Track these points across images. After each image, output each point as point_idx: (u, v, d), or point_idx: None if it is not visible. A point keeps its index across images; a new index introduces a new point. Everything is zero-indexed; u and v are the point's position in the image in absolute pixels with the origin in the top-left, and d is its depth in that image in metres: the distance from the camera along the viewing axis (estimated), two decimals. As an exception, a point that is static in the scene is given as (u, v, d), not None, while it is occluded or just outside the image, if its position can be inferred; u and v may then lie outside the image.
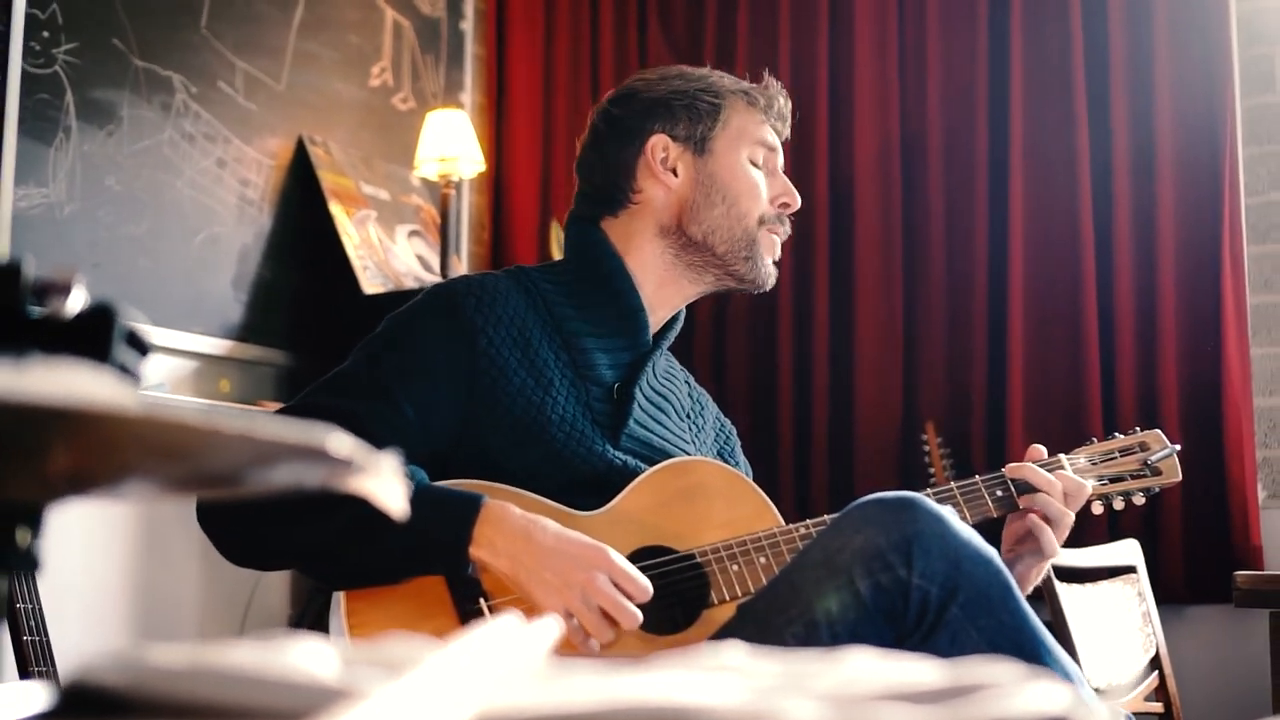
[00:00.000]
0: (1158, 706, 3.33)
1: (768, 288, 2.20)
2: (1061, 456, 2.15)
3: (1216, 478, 3.72)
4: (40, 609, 2.62)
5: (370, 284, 3.63)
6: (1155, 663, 3.34)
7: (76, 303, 0.88)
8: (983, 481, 2.07)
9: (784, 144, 2.26)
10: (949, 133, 4.17)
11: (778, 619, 1.77)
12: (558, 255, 3.97)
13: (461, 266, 3.97)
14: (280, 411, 2.00)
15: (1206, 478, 3.73)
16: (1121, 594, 3.25)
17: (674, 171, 2.17)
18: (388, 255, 3.75)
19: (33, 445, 0.72)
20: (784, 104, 2.25)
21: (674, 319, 2.24)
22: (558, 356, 2.07)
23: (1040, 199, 4.02)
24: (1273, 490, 3.79)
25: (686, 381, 2.33)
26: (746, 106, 2.21)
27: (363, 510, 1.85)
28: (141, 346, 0.89)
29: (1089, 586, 3.16)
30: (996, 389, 4.01)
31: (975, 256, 4.08)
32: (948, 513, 1.78)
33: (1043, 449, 2.14)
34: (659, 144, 2.17)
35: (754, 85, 2.24)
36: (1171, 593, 3.61)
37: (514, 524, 1.87)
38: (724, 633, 1.86)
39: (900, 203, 4.19)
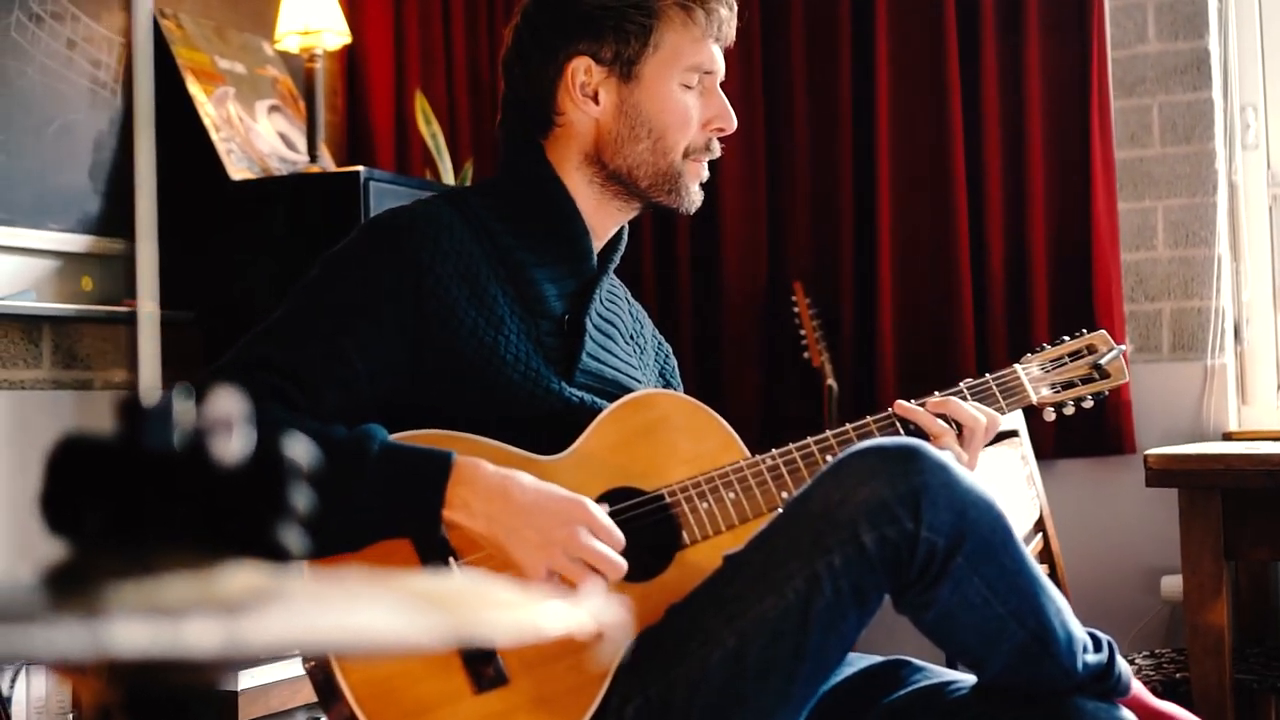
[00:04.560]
0: (1044, 568, 3.41)
1: (692, 211, 2.11)
2: (1016, 367, 2.13)
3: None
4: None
5: (236, 168, 3.45)
6: (1039, 524, 3.42)
7: (239, 445, 0.78)
8: (874, 422, 2.02)
9: (725, 51, 2.11)
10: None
11: (777, 573, 1.74)
12: (423, 126, 3.83)
13: (325, 148, 3.80)
14: (216, 368, 1.88)
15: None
16: (1006, 458, 3.30)
17: (595, 98, 2.03)
18: (250, 135, 3.56)
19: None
20: (727, 14, 2.07)
21: (617, 240, 2.15)
22: (504, 291, 1.97)
23: (905, 56, 3.99)
24: (1140, 344, 3.87)
25: (627, 299, 2.26)
26: (683, 21, 2.02)
27: (328, 479, 1.77)
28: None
29: (977, 454, 3.20)
30: (864, 246, 4.01)
31: (840, 112, 4.04)
32: (947, 458, 1.75)
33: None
34: (580, 67, 2.02)
35: None
36: (1042, 448, 3.67)
37: (489, 482, 1.80)
38: (713, 583, 1.83)
39: (761, 66, 4.12)
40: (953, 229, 3.90)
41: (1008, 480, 3.31)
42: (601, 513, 1.82)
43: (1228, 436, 3.73)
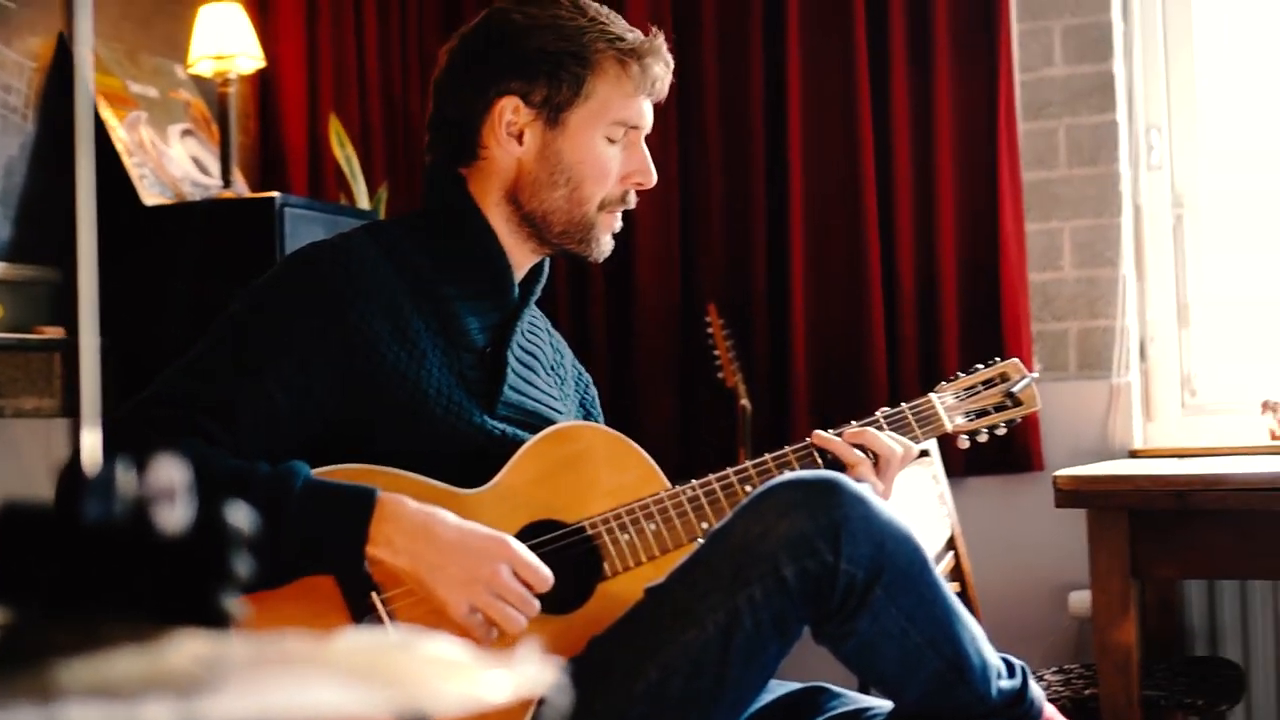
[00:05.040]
0: (955, 587, 3.46)
1: (600, 260, 2.12)
2: (931, 396, 2.16)
3: (996, 351, 3.82)
4: None
5: (149, 194, 3.43)
6: (950, 543, 3.47)
7: (181, 514, 0.79)
8: (793, 453, 2.03)
9: (656, 106, 2.11)
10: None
11: (699, 605, 1.77)
12: (337, 149, 3.82)
13: (239, 172, 3.78)
14: (137, 404, 1.87)
15: (987, 351, 3.83)
16: (918, 477, 3.34)
17: (520, 138, 2.03)
18: (163, 159, 3.54)
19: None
20: (663, 71, 2.08)
21: (538, 271, 2.16)
22: (427, 324, 1.98)
23: (816, 79, 4.03)
24: (1048, 363, 3.93)
25: (548, 330, 2.27)
26: (618, 76, 2.02)
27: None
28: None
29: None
30: (777, 268, 4.05)
31: (751, 134, 4.08)
32: (865, 490, 1.79)
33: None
34: (509, 106, 2.01)
35: (635, 44, 2.04)
36: (952, 466, 3.72)
37: (412, 520, 1.81)
38: (635, 616, 1.85)
39: (675, 88, 4.13)
40: (864, 250, 3.95)
41: (920, 499, 3.36)
42: (524, 550, 1.84)
43: (1134, 454, 3.80)
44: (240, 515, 0.80)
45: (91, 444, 0.90)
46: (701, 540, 1.92)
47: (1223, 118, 4.03)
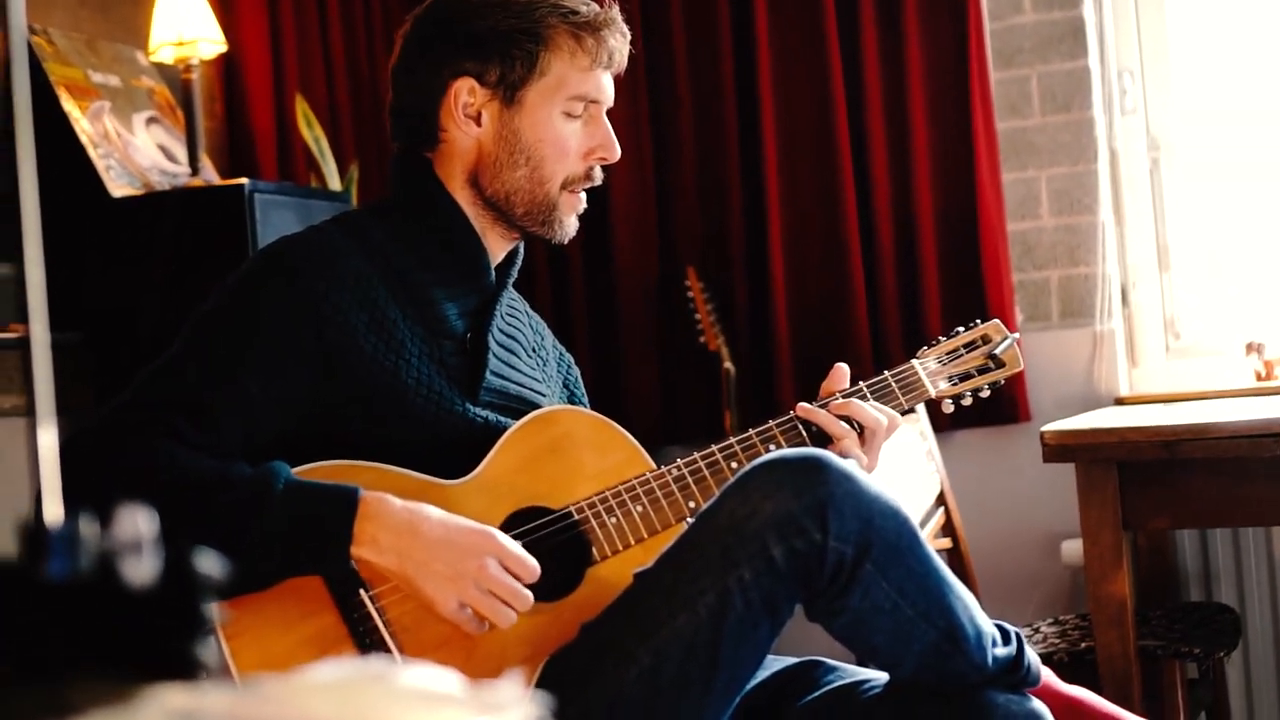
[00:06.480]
0: (946, 542, 3.46)
1: (565, 242, 2.09)
2: (914, 362, 2.14)
3: (978, 303, 3.82)
4: None
5: (116, 185, 3.39)
6: (940, 498, 3.46)
7: (149, 564, 0.76)
8: (777, 426, 2.01)
9: (616, 78, 2.07)
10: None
11: (689, 589, 1.76)
12: (305, 130, 3.78)
13: (207, 158, 3.74)
14: (114, 408, 1.85)
15: (969, 304, 3.83)
16: (905, 435, 3.33)
17: (478, 119, 2.00)
18: (129, 149, 3.50)
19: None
20: (618, 43, 2.03)
21: (514, 253, 2.14)
22: (404, 314, 1.96)
23: (786, 34, 4.01)
24: (1030, 312, 3.92)
25: (526, 312, 2.25)
26: (572, 50, 1.99)
27: (232, 519, 1.75)
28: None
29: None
30: (754, 228, 4.03)
31: (723, 92, 4.04)
32: (850, 466, 1.77)
33: (844, 370, 2.10)
34: (464, 88, 1.99)
35: (589, 16, 2.00)
36: (938, 421, 3.71)
37: (396, 517, 1.79)
38: (625, 601, 1.84)
39: (643, 51, 4.10)
40: (841, 206, 3.93)
41: (907, 456, 3.35)
42: (511, 542, 1.82)
43: (1120, 401, 3.80)
44: (209, 562, 0.78)
45: (47, 444, 0.88)
46: (690, 520, 1.91)
47: (1195, 59, 4.00)
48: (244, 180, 3.35)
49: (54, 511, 0.84)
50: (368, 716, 0.72)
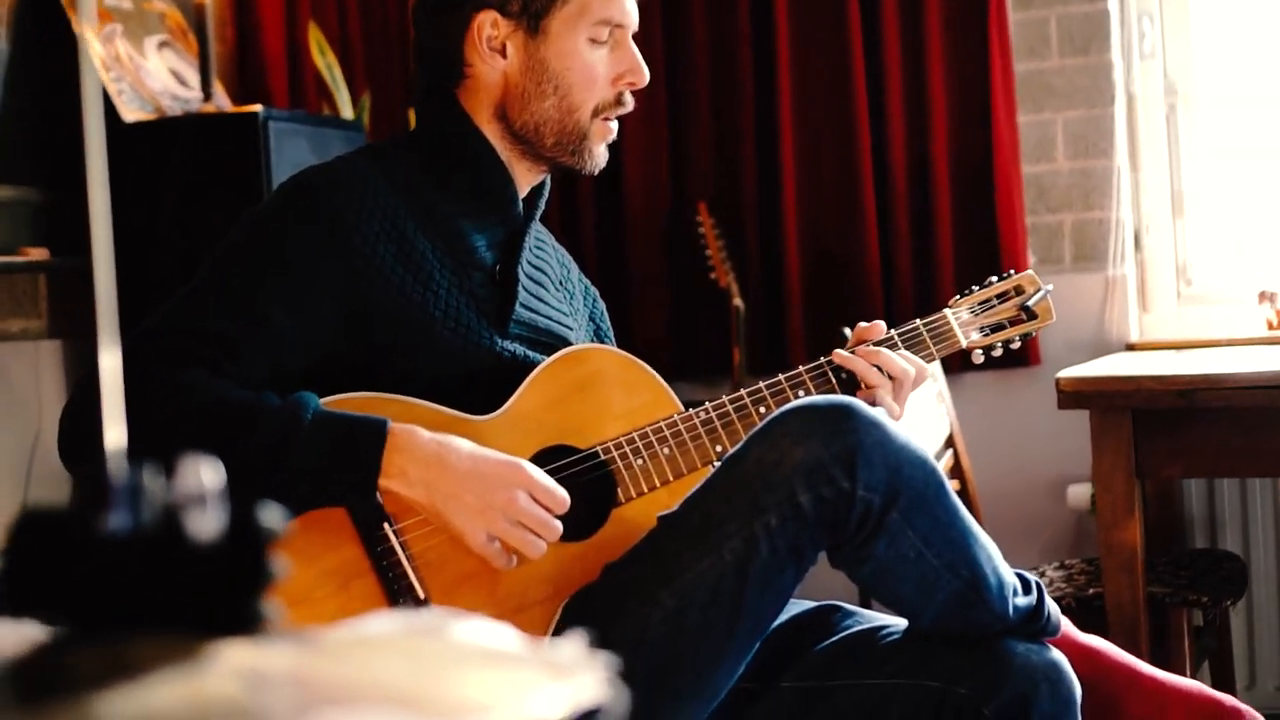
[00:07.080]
0: (955, 484, 3.45)
1: (596, 173, 2.07)
2: (946, 311, 2.12)
3: (990, 245, 3.82)
4: None
5: (129, 110, 3.36)
6: (949, 440, 3.46)
7: (213, 518, 0.75)
8: (807, 372, 2.00)
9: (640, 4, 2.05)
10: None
11: (715, 534, 1.75)
12: (318, 58, 3.75)
13: (219, 84, 3.70)
14: (140, 335, 1.83)
15: (981, 246, 3.82)
16: (917, 376, 3.32)
17: (503, 51, 1.98)
18: (140, 73, 3.47)
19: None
20: None
21: (541, 186, 2.12)
22: (433, 246, 1.94)
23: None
24: (1043, 256, 3.91)
25: (553, 245, 2.23)
26: None
27: (261, 449, 1.75)
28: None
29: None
30: (767, 165, 4.00)
31: (739, 31, 4.01)
32: (879, 414, 1.76)
33: (880, 326, 2.08)
34: (487, 20, 1.96)
35: None
36: (949, 363, 3.70)
37: (425, 449, 1.79)
38: (650, 543, 1.84)
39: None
40: (855, 145, 3.90)
41: (918, 398, 3.34)
42: (541, 474, 1.82)
43: (1130, 347, 3.79)
44: (272, 515, 0.77)
45: (110, 366, 0.87)
46: (716, 464, 1.90)
47: (1214, 5, 3.96)
48: (258, 107, 3.32)
49: (116, 436, 0.83)
50: (438, 679, 0.71)
